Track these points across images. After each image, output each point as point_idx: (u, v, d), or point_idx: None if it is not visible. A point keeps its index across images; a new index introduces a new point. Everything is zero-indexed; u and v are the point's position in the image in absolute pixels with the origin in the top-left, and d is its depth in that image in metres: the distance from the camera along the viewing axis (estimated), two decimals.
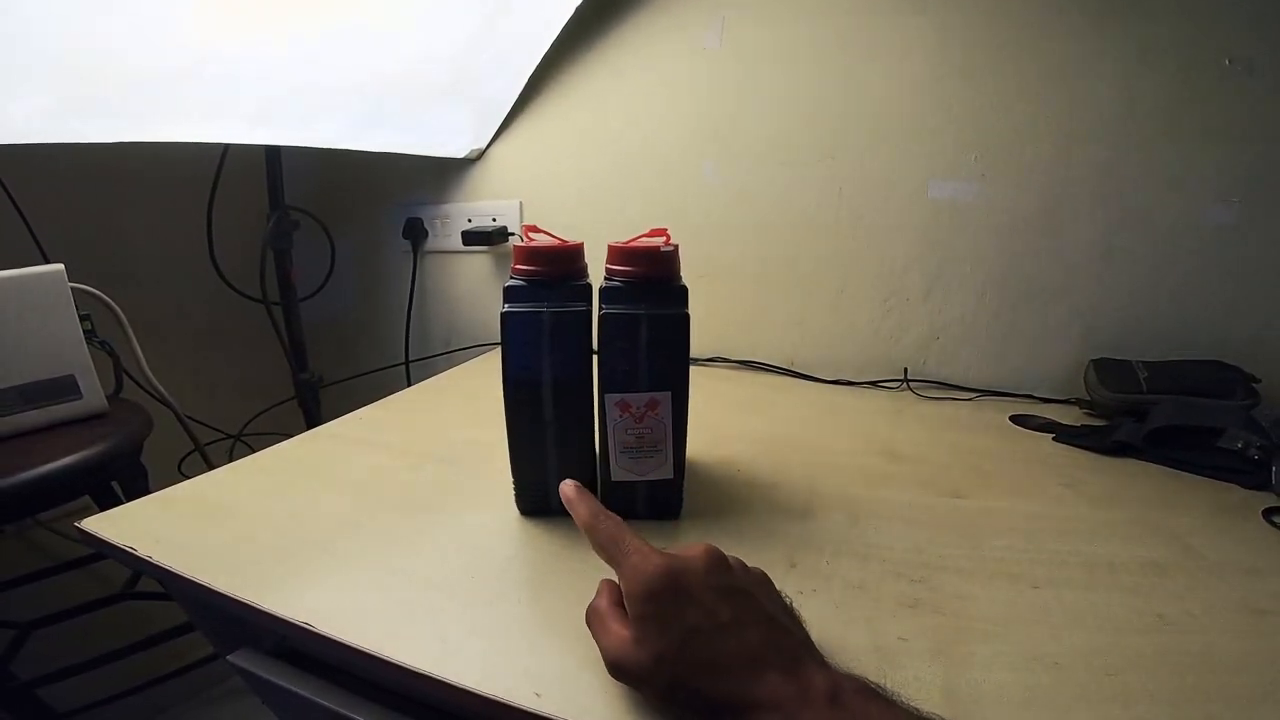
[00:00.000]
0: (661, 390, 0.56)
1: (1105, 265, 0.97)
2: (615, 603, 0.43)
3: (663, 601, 0.38)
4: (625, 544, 0.42)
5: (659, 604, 0.38)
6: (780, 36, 1.06)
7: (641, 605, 0.39)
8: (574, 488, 0.50)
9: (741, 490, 0.70)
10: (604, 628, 0.41)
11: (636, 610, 0.39)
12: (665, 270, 0.57)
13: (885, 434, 0.88)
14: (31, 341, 0.87)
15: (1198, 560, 0.58)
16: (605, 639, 0.41)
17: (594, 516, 0.45)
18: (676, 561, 0.40)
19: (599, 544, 0.44)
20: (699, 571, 0.39)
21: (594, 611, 0.43)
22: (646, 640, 0.37)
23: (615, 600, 0.43)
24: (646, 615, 0.38)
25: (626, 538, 0.43)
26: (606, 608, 0.43)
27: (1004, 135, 0.97)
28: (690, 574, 0.39)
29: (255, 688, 0.57)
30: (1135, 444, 0.80)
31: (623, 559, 0.41)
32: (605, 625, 0.41)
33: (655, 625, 0.38)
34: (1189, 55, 0.87)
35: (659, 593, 0.38)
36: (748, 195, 1.14)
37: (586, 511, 0.46)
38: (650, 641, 0.37)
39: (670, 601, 0.38)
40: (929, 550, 0.59)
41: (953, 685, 0.42)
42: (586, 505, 0.47)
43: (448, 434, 0.85)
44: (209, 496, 0.67)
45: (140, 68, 0.79)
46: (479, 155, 1.33)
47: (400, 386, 1.09)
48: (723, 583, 0.39)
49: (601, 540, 0.44)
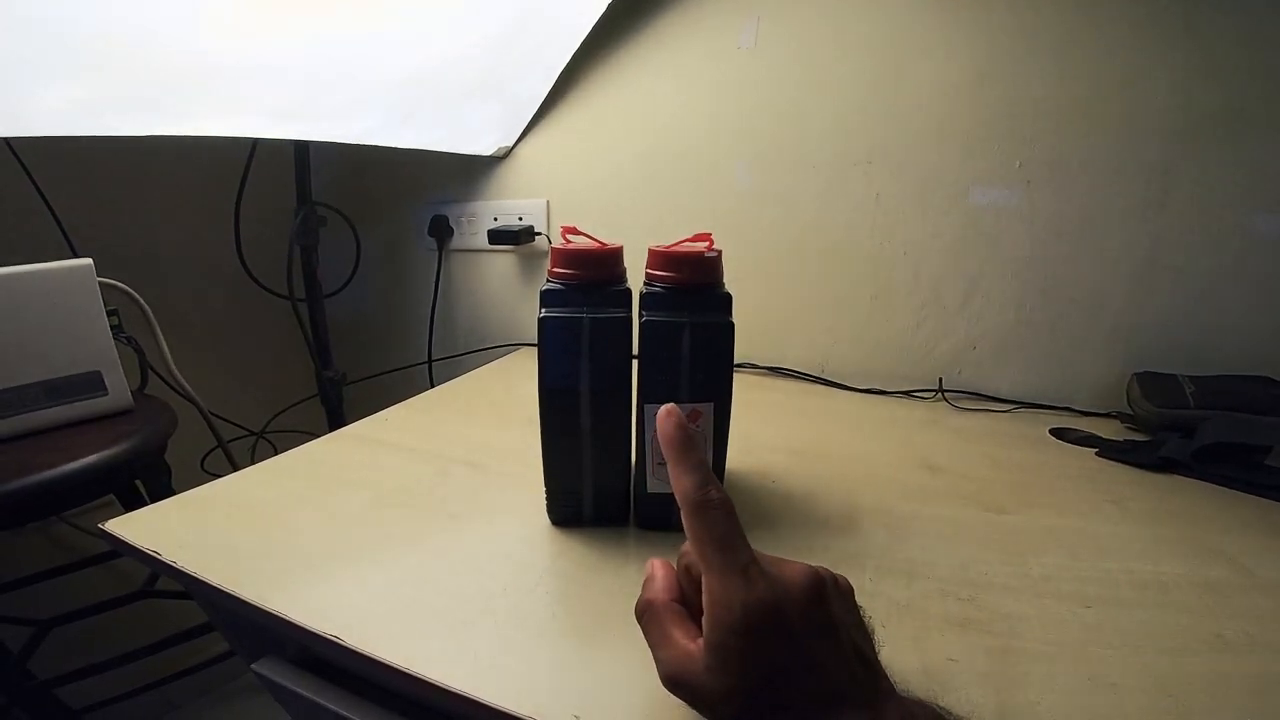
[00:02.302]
0: (704, 401, 0.55)
1: (1150, 275, 0.94)
2: (673, 595, 0.39)
3: (755, 638, 0.33)
4: (733, 555, 0.35)
5: (750, 641, 0.33)
6: (816, 37, 1.04)
7: (731, 637, 0.33)
8: (679, 426, 0.40)
9: (778, 503, 0.68)
10: (665, 636, 0.37)
11: (722, 639, 0.34)
12: (709, 276, 0.56)
13: (922, 446, 0.86)
14: (58, 336, 0.87)
15: (1251, 579, 0.56)
16: (666, 650, 0.36)
17: (703, 493, 0.37)
18: (782, 595, 0.34)
19: (700, 538, 0.36)
20: (800, 605, 0.34)
21: (650, 608, 0.39)
22: (724, 673, 0.33)
23: (673, 592, 0.39)
24: (732, 648, 0.33)
25: (737, 547, 0.35)
26: (665, 606, 0.38)
27: (1050, 141, 0.94)
28: (792, 610, 0.34)
29: (279, 697, 0.56)
30: (1182, 460, 0.78)
31: (723, 573, 0.35)
32: (667, 634, 0.37)
33: (738, 661, 0.33)
34: (1249, 60, 0.84)
35: (755, 629, 0.33)
36: (780, 198, 1.12)
37: (692, 481, 0.37)
38: (728, 676, 0.33)
39: (763, 639, 0.33)
40: (974, 567, 0.57)
41: (1007, 708, 0.41)
42: (694, 470, 0.38)
43: (474, 437, 0.84)
44: (234, 499, 0.66)
45: (173, 62, 0.78)
46: (506, 153, 1.32)
47: (423, 385, 1.09)
48: (822, 619, 0.35)
49: (705, 534, 0.36)
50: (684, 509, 0.37)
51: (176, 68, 0.79)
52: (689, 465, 0.38)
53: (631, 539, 0.61)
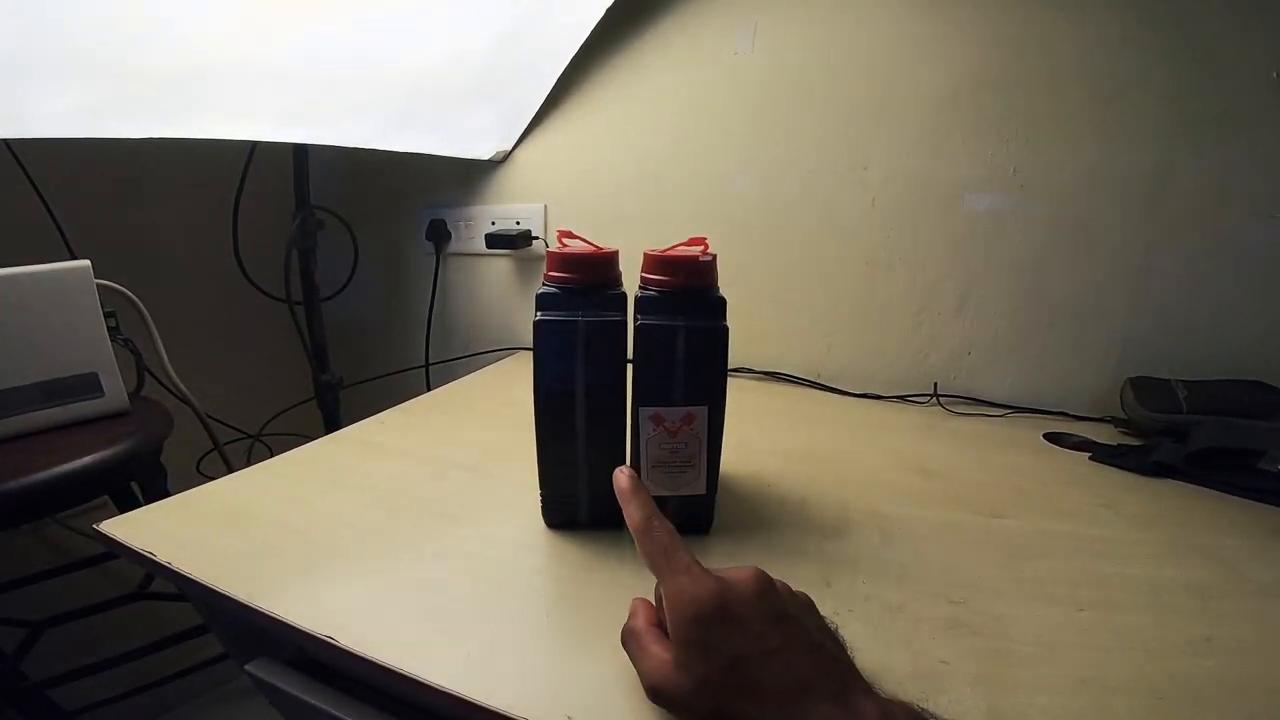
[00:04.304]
0: (698, 404, 0.55)
1: (1144, 281, 0.94)
2: (653, 623, 0.42)
3: (710, 626, 0.36)
4: (677, 559, 0.40)
5: (706, 628, 0.36)
6: (813, 43, 1.04)
7: (688, 629, 0.37)
8: (630, 479, 0.46)
9: (772, 506, 0.68)
10: (643, 650, 0.40)
11: (682, 634, 0.37)
12: (703, 280, 0.56)
13: (916, 450, 0.86)
14: (55, 338, 0.87)
15: (1244, 583, 0.57)
16: (645, 662, 0.39)
17: (647, 520, 0.43)
18: (726, 585, 0.38)
19: (648, 552, 0.41)
20: (749, 596, 0.38)
21: (631, 633, 0.42)
22: (690, 665, 0.36)
23: (652, 620, 0.42)
24: (692, 640, 0.36)
25: (680, 553, 0.40)
26: (644, 628, 0.41)
27: (1045, 146, 0.95)
28: (740, 599, 0.37)
29: (273, 698, 0.56)
30: (1175, 465, 0.78)
31: (671, 575, 0.39)
32: (644, 647, 0.40)
33: (700, 650, 0.36)
34: (1238, 69, 0.84)
35: (707, 617, 0.37)
36: (777, 203, 1.12)
37: (640, 514, 0.43)
38: (694, 667, 0.36)
39: (718, 627, 0.36)
40: (967, 571, 0.57)
41: (997, 710, 0.41)
42: (641, 506, 0.44)
43: (469, 440, 0.84)
44: (230, 500, 0.66)
45: (173, 65, 0.79)
46: (504, 157, 1.33)
47: (420, 389, 1.09)
48: (772, 609, 0.38)
49: (652, 549, 0.41)
50: (635, 535, 0.43)
51: (176, 71, 0.80)
52: (637, 504, 0.44)
53: (626, 542, 0.60)
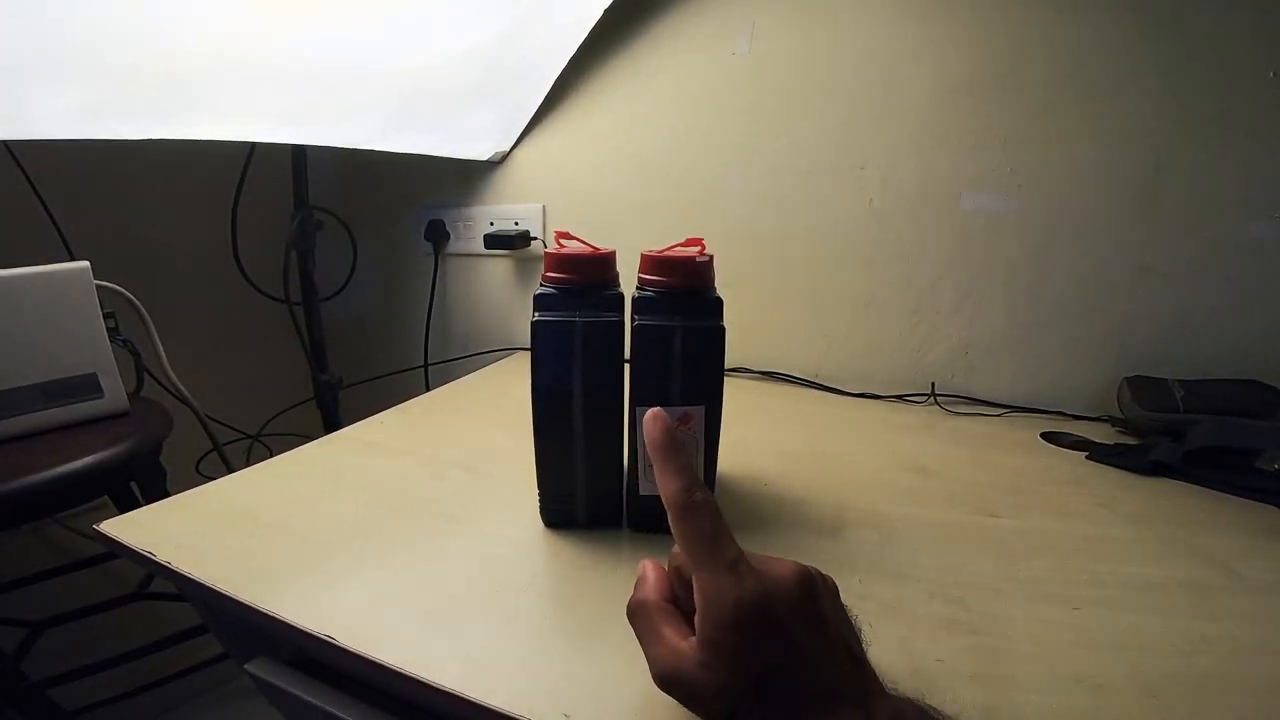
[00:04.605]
0: (695, 404, 0.55)
1: (1141, 281, 0.94)
2: (665, 596, 0.39)
3: (747, 635, 0.33)
4: (721, 554, 0.35)
5: (742, 636, 0.33)
6: (811, 43, 1.04)
7: (724, 634, 0.33)
8: (662, 427, 0.40)
9: (770, 506, 0.68)
10: (656, 633, 0.37)
11: (715, 635, 0.34)
12: (700, 281, 0.56)
13: (914, 449, 0.86)
14: (55, 339, 0.87)
15: (1239, 582, 0.57)
16: (657, 647, 0.36)
17: (687, 494, 0.37)
18: (770, 589, 0.34)
19: (688, 537, 0.36)
20: (790, 601, 0.34)
21: (641, 607, 0.38)
22: (717, 669, 0.33)
23: (665, 593, 0.39)
24: (725, 645, 0.33)
25: (726, 545, 0.36)
26: (657, 605, 0.38)
27: (1042, 146, 0.95)
28: (784, 605, 0.34)
29: (271, 697, 0.56)
30: (1172, 464, 0.78)
31: (713, 571, 0.35)
32: (659, 632, 0.36)
33: (732, 656, 0.33)
34: (1235, 69, 0.85)
35: (746, 624, 0.33)
36: (774, 204, 1.12)
37: (676, 483, 0.37)
38: (720, 671, 0.33)
39: (756, 637, 0.33)
40: (964, 570, 0.57)
41: (993, 707, 0.41)
42: (678, 474, 0.38)
43: (468, 440, 0.84)
44: (229, 501, 0.66)
45: (172, 66, 0.79)
46: (503, 158, 1.33)
47: (419, 389, 1.09)
48: (811, 615, 0.35)
49: (693, 534, 0.36)
50: (670, 511, 0.37)
51: (176, 71, 0.80)
52: (674, 469, 0.38)
53: (625, 541, 0.61)
